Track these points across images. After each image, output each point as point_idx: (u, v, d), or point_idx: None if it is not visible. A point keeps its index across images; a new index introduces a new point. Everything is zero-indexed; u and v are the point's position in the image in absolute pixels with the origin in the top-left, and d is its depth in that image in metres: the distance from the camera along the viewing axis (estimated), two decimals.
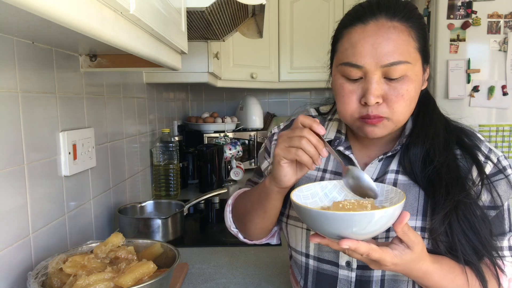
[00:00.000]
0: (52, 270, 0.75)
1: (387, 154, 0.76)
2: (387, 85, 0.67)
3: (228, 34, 1.51)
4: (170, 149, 1.76)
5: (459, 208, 0.67)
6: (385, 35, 0.66)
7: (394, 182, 0.73)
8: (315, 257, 0.77)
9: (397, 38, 0.66)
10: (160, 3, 0.71)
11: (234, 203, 0.90)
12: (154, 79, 1.71)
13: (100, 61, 1.07)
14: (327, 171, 0.80)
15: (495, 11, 2.15)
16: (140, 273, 0.73)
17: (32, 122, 0.86)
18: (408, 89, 0.67)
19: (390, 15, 0.67)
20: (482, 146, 0.74)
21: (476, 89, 2.20)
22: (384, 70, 0.66)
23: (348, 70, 0.69)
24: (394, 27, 0.66)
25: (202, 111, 2.72)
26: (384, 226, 0.58)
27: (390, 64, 0.65)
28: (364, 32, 0.67)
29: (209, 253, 1.20)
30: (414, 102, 0.70)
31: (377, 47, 0.66)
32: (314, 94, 2.93)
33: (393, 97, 0.67)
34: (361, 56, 0.67)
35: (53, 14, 0.40)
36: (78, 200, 1.07)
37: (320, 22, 2.48)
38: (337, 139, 0.80)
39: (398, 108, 0.68)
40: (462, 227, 0.66)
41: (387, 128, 0.70)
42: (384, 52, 0.65)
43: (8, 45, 0.78)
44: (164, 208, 1.41)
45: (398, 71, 0.66)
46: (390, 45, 0.65)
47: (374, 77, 0.67)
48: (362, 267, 0.73)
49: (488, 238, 0.68)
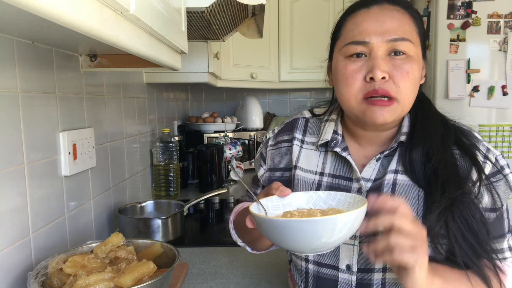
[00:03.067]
0: (52, 270, 0.75)
1: (385, 153, 0.75)
2: (392, 62, 0.69)
3: (228, 34, 1.51)
4: (170, 149, 1.76)
5: (455, 206, 0.66)
6: (389, 14, 0.70)
7: (393, 183, 0.72)
8: (314, 262, 0.77)
9: (401, 17, 0.69)
10: (160, 3, 0.71)
11: (234, 221, 0.88)
12: (154, 79, 1.71)
13: (100, 61, 1.07)
14: (324, 174, 0.79)
15: (495, 11, 2.15)
16: (140, 273, 0.73)
17: (32, 122, 0.86)
18: (413, 67, 0.69)
19: (392, 2, 0.71)
20: (480, 146, 0.73)
21: (476, 89, 2.20)
22: (389, 46, 0.68)
23: (354, 48, 0.70)
24: (398, 10, 0.70)
25: (202, 111, 2.72)
26: (344, 231, 0.54)
27: (395, 39, 0.68)
28: (368, 13, 0.71)
29: (209, 253, 1.20)
30: (417, 87, 0.71)
31: (382, 24, 0.69)
32: (314, 94, 2.93)
33: (398, 74, 0.68)
34: (367, 32, 0.69)
35: (53, 14, 0.40)
36: (78, 200, 1.07)
37: (320, 22, 2.48)
38: (334, 140, 0.79)
39: (404, 87, 0.68)
40: (460, 227, 0.66)
41: (395, 112, 0.70)
42: (390, 28, 0.68)
43: (8, 45, 0.78)
44: (164, 208, 1.41)
45: (403, 46, 0.68)
46: (394, 23, 0.69)
47: (379, 53, 0.68)
48: (362, 270, 0.72)
49: (486, 240, 0.67)
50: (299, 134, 0.85)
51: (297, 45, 2.51)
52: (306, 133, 0.84)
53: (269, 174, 0.87)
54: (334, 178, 0.78)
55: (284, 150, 0.85)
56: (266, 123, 2.75)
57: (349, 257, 0.73)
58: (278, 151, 0.86)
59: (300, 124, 0.86)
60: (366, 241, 0.71)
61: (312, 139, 0.83)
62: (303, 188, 0.79)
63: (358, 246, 0.72)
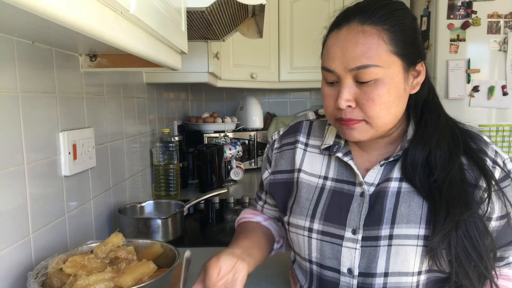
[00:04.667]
0: (52, 270, 0.75)
1: (389, 159, 0.74)
2: (359, 89, 0.68)
3: (228, 34, 1.51)
4: (170, 149, 1.76)
5: (460, 227, 0.65)
6: (353, 40, 0.67)
7: (397, 191, 0.71)
8: (317, 263, 0.77)
9: (364, 42, 0.66)
10: (160, 3, 0.71)
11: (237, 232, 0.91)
12: (154, 79, 1.71)
13: (100, 61, 1.07)
14: (328, 179, 0.79)
15: (495, 11, 2.15)
16: (140, 273, 0.73)
17: (32, 122, 0.86)
18: (380, 93, 0.67)
19: (363, 20, 0.67)
20: (489, 150, 0.72)
21: (476, 89, 2.20)
22: (354, 74, 0.67)
23: (325, 74, 0.71)
24: (364, 31, 0.66)
25: (202, 111, 2.72)
26: None
27: (357, 68, 0.66)
28: (337, 37, 0.69)
29: (209, 253, 1.19)
30: (395, 106, 0.69)
31: (345, 52, 0.67)
32: (314, 94, 2.93)
33: (364, 101, 0.68)
34: (333, 61, 0.69)
35: (53, 14, 0.40)
36: (78, 200, 1.07)
37: (320, 22, 2.45)
38: (336, 145, 0.79)
39: (371, 112, 0.68)
40: (464, 245, 0.65)
41: (367, 132, 0.70)
42: (351, 57, 0.66)
43: (8, 45, 0.78)
44: (164, 208, 1.41)
45: (367, 74, 0.66)
46: (357, 49, 0.66)
47: (345, 81, 0.68)
48: (364, 274, 0.72)
49: (491, 263, 0.67)
50: (303, 137, 0.85)
51: (297, 45, 2.51)
52: (310, 136, 0.85)
53: (272, 177, 0.88)
54: (337, 182, 0.78)
55: (287, 153, 0.86)
56: (266, 123, 2.75)
57: (350, 260, 0.72)
58: (282, 154, 0.87)
59: (304, 127, 0.86)
60: (368, 245, 0.71)
61: (316, 142, 0.83)
62: (307, 191, 0.80)
63: (360, 250, 0.72)
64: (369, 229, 0.71)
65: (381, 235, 0.70)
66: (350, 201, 0.75)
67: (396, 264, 0.69)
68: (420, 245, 0.68)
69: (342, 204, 0.75)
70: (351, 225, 0.73)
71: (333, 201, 0.76)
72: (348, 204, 0.75)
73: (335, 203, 0.76)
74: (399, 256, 0.69)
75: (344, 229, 0.73)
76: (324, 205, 0.77)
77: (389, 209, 0.71)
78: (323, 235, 0.75)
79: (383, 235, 0.70)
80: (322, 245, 0.75)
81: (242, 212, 0.99)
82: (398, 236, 0.69)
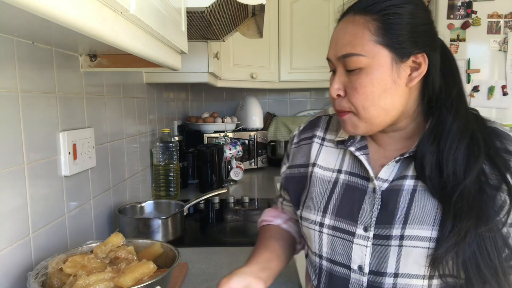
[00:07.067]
0: (52, 270, 0.75)
1: (404, 155, 0.71)
2: (347, 77, 0.70)
3: (228, 34, 1.51)
4: (170, 149, 1.76)
5: (469, 241, 0.62)
6: (344, 29, 0.70)
7: (413, 189, 0.69)
8: (328, 259, 0.76)
9: (352, 31, 0.68)
10: (160, 3, 0.71)
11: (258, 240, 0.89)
12: (154, 79, 1.72)
13: (100, 61, 1.07)
14: (342, 172, 0.78)
15: (495, 11, 2.15)
16: (140, 273, 0.73)
17: (32, 122, 0.86)
18: (362, 82, 0.67)
19: (356, 10, 0.69)
20: None
21: (476, 89, 2.20)
22: (342, 62, 0.70)
23: (328, 64, 0.75)
24: (354, 21, 0.69)
25: (202, 111, 2.72)
26: None
27: (342, 56, 0.69)
28: (337, 28, 0.73)
29: (209, 253, 1.20)
30: (382, 98, 0.67)
31: (337, 41, 0.71)
32: (314, 94, 2.93)
33: (349, 90, 0.70)
34: (329, 50, 0.73)
35: (53, 14, 0.40)
36: (78, 200, 1.07)
37: (320, 22, 2.48)
38: (351, 139, 0.78)
39: (355, 102, 0.69)
40: (477, 261, 0.62)
41: (358, 124, 0.71)
42: (340, 44, 0.69)
43: (8, 45, 0.78)
44: (164, 208, 1.41)
45: (351, 63, 0.68)
46: (345, 38, 0.69)
47: (339, 70, 0.71)
48: (374, 272, 0.71)
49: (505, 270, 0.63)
50: (321, 132, 0.85)
51: (297, 45, 2.51)
52: (328, 131, 0.85)
53: (288, 171, 0.88)
54: (351, 176, 0.77)
55: (304, 148, 0.86)
56: (266, 123, 2.75)
57: (361, 258, 0.72)
58: (299, 148, 0.87)
59: (323, 122, 0.87)
60: (379, 243, 0.70)
61: (332, 136, 0.83)
62: (320, 186, 0.79)
63: (371, 248, 0.71)
64: (381, 227, 0.70)
65: (392, 235, 0.68)
66: (363, 196, 0.73)
67: (406, 265, 0.67)
68: (432, 247, 0.65)
69: (354, 199, 0.74)
70: (363, 222, 0.72)
71: (346, 196, 0.75)
72: (360, 200, 0.73)
73: (347, 198, 0.75)
74: (410, 258, 0.67)
75: (356, 225, 0.72)
76: (336, 199, 0.76)
77: (402, 208, 0.69)
78: (334, 230, 0.75)
79: (394, 235, 0.68)
80: (333, 241, 0.75)
81: (263, 213, 0.97)
82: (409, 237, 0.67)
